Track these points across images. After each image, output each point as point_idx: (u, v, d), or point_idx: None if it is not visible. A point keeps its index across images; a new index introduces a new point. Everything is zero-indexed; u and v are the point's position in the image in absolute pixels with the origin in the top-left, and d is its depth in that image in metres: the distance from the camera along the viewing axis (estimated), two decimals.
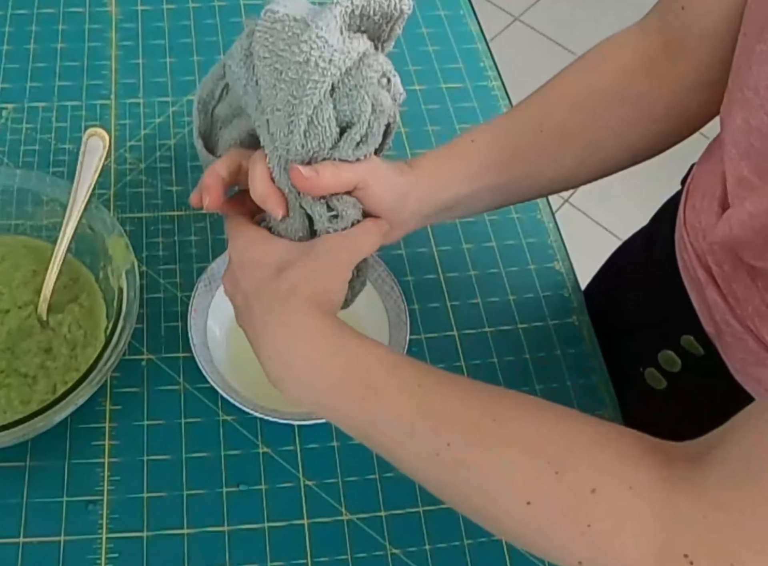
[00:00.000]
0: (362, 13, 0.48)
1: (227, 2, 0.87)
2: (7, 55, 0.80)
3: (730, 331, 0.54)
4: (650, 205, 0.72)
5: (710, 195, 0.54)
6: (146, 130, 0.76)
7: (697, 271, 0.56)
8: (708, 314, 0.56)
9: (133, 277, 0.59)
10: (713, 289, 0.54)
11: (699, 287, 0.56)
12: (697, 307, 0.57)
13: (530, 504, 0.39)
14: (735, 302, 0.53)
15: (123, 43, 0.82)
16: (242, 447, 0.60)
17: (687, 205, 0.58)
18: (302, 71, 0.45)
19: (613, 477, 0.38)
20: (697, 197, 0.56)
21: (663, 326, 0.62)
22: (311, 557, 0.56)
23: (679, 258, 0.59)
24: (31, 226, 0.65)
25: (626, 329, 0.70)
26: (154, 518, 0.57)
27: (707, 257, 0.54)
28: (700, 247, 0.55)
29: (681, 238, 0.58)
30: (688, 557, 0.36)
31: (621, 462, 0.39)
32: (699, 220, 0.55)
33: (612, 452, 0.39)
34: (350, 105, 0.47)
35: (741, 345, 0.53)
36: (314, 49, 0.45)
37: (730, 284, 0.53)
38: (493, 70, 0.85)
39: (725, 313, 0.53)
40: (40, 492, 0.57)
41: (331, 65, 0.45)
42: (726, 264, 0.53)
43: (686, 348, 0.59)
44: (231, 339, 0.63)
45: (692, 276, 0.57)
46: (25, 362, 0.59)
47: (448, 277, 0.70)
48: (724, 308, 0.53)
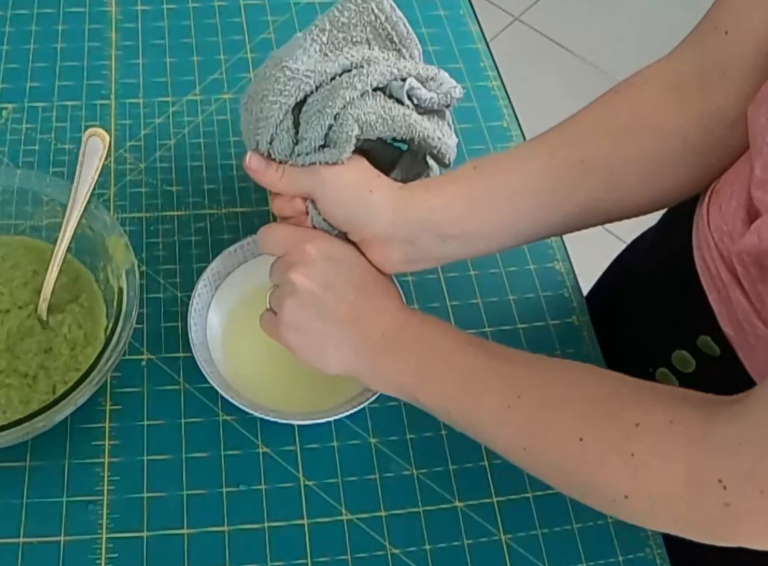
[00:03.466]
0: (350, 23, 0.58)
1: (227, 2, 0.87)
2: (7, 55, 0.80)
3: (754, 332, 0.52)
4: None
5: (737, 197, 0.53)
6: (146, 130, 0.76)
7: (721, 272, 0.54)
8: (728, 314, 0.55)
9: (133, 277, 0.59)
10: (737, 290, 0.53)
11: (721, 287, 0.55)
12: (716, 307, 0.56)
13: (582, 440, 0.45)
14: (760, 305, 0.52)
15: (123, 43, 0.82)
16: (242, 447, 0.60)
17: (711, 205, 0.56)
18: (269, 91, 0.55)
19: (657, 413, 0.43)
20: (724, 198, 0.55)
21: (677, 326, 0.61)
22: (311, 557, 0.56)
23: (698, 257, 0.58)
24: (31, 226, 0.65)
25: (635, 329, 0.69)
26: (154, 518, 0.57)
27: (733, 259, 0.53)
28: (726, 248, 0.54)
29: (704, 238, 0.57)
30: (722, 482, 0.38)
31: (665, 401, 0.44)
32: (726, 221, 0.54)
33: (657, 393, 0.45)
34: (308, 121, 0.55)
35: (764, 347, 0.52)
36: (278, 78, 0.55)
37: (756, 286, 0.51)
38: (493, 70, 0.85)
39: (749, 315, 0.52)
40: (40, 492, 0.57)
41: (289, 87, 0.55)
42: (753, 267, 0.51)
43: (702, 349, 0.58)
44: (231, 339, 0.63)
45: (713, 275, 0.56)
46: (25, 362, 0.59)
47: (448, 277, 0.70)
48: (748, 308, 0.52)
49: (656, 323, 0.66)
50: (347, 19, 0.58)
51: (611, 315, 0.71)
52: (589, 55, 2.12)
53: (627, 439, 0.43)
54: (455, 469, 0.60)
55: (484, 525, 0.58)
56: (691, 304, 0.59)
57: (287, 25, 0.86)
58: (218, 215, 0.71)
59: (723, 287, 0.55)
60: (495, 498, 0.59)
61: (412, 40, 0.60)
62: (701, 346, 0.58)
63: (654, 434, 0.42)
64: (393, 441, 0.61)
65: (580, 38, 2.16)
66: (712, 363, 0.58)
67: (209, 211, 0.71)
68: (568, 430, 0.46)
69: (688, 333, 0.59)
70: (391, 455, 0.61)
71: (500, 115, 0.81)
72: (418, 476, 0.60)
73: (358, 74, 0.55)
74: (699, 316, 0.58)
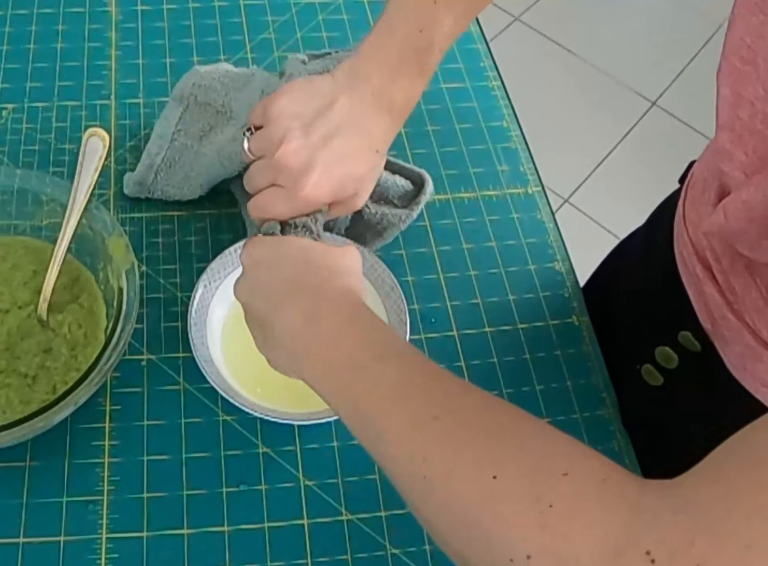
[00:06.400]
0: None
1: (227, 2, 0.87)
2: (7, 55, 0.80)
3: (727, 326, 0.54)
4: (650, 205, 0.72)
5: (708, 187, 0.54)
6: (146, 130, 0.76)
7: (695, 266, 0.56)
8: (705, 309, 0.56)
9: (133, 277, 0.59)
10: (710, 284, 0.54)
11: (696, 282, 0.56)
12: (695, 302, 0.57)
13: (497, 478, 0.37)
14: (733, 297, 0.53)
15: (123, 43, 0.82)
16: (242, 447, 0.60)
17: (687, 199, 0.58)
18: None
19: (589, 467, 0.36)
20: (697, 190, 0.56)
21: (660, 322, 0.62)
22: (311, 557, 0.56)
23: (677, 253, 0.59)
24: (31, 226, 0.65)
25: (624, 326, 0.70)
26: (154, 518, 0.57)
27: (705, 252, 0.54)
28: (699, 241, 0.55)
29: (680, 233, 0.58)
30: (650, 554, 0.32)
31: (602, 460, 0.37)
32: (697, 212, 0.55)
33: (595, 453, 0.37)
34: None
35: (738, 341, 0.53)
36: None
37: (728, 278, 0.52)
38: (493, 70, 0.85)
39: (722, 308, 0.53)
40: (40, 492, 0.57)
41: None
42: (724, 258, 0.52)
43: (683, 345, 0.59)
44: (231, 339, 0.63)
45: (690, 271, 0.57)
46: (25, 362, 0.59)
47: (448, 277, 0.70)
48: (721, 302, 0.53)
49: (641, 320, 0.66)
50: None
51: (601, 314, 0.71)
52: (589, 55, 2.12)
53: (549, 487, 0.35)
54: None
55: None
56: (673, 301, 0.59)
57: (287, 25, 0.86)
58: (218, 215, 0.71)
59: (698, 281, 0.56)
60: None
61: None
62: (683, 342, 0.59)
63: (581, 488, 0.35)
64: None
65: (580, 38, 2.16)
66: (693, 358, 0.59)
67: (209, 211, 0.71)
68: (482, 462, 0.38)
69: (670, 329, 0.60)
70: None
71: (500, 115, 0.81)
72: None
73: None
74: (680, 312, 0.58)
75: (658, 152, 1.93)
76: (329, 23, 0.86)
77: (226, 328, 0.64)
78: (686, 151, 0.71)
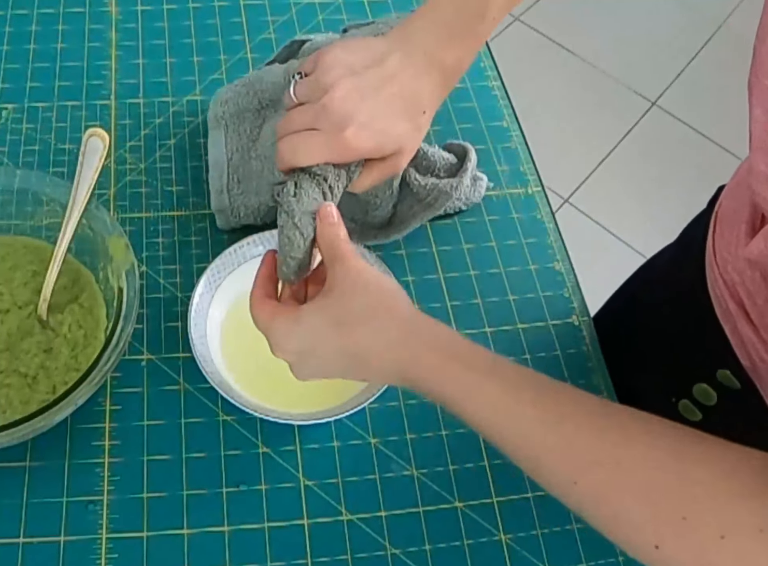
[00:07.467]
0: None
1: (227, 2, 0.87)
2: (7, 55, 0.80)
3: (765, 368, 0.52)
4: (649, 205, 0.72)
5: (738, 221, 0.52)
6: (146, 130, 0.76)
7: (729, 304, 0.54)
8: (742, 347, 0.54)
9: (133, 277, 0.59)
10: (745, 324, 0.52)
11: (732, 320, 0.54)
12: (732, 341, 0.55)
13: (659, 548, 0.39)
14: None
15: (123, 43, 0.82)
16: (242, 447, 0.60)
17: (716, 234, 0.56)
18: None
19: (743, 521, 0.37)
20: (725, 225, 0.54)
21: (697, 359, 0.60)
22: (311, 557, 0.56)
23: (711, 290, 0.57)
24: (31, 226, 0.65)
25: (653, 360, 0.67)
26: (154, 518, 0.57)
27: (738, 289, 0.52)
28: (731, 279, 0.53)
29: (712, 271, 0.56)
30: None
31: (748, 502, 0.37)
32: (729, 250, 0.53)
33: (737, 489, 0.38)
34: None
35: None
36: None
37: (763, 318, 0.51)
38: (493, 70, 0.85)
39: (760, 350, 0.52)
40: (40, 492, 0.57)
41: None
42: (759, 297, 0.51)
43: (722, 382, 0.57)
44: (231, 340, 0.63)
45: (724, 309, 0.55)
46: (25, 362, 0.59)
47: (448, 277, 0.70)
48: (758, 343, 0.52)
49: (675, 355, 0.64)
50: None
51: (622, 342, 0.69)
52: (589, 55, 2.12)
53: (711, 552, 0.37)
54: (455, 469, 0.60)
55: (484, 525, 0.58)
56: (709, 337, 0.57)
57: (287, 25, 0.86)
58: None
59: (733, 320, 0.54)
60: (495, 498, 0.59)
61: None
62: (722, 380, 0.57)
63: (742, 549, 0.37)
64: (393, 441, 0.61)
65: (580, 38, 2.16)
66: (733, 396, 0.57)
67: (209, 211, 0.71)
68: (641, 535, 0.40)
69: (709, 367, 0.58)
70: (391, 455, 0.61)
71: (500, 115, 0.81)
72: (418, 476, 0.60)
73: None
74: (718, 349, 0.56)
75: (658, 152, 1.93)
76: (329, 23, 0.86)
77: (226, 328, 0.64)
78: (686, 151, 0.71)
